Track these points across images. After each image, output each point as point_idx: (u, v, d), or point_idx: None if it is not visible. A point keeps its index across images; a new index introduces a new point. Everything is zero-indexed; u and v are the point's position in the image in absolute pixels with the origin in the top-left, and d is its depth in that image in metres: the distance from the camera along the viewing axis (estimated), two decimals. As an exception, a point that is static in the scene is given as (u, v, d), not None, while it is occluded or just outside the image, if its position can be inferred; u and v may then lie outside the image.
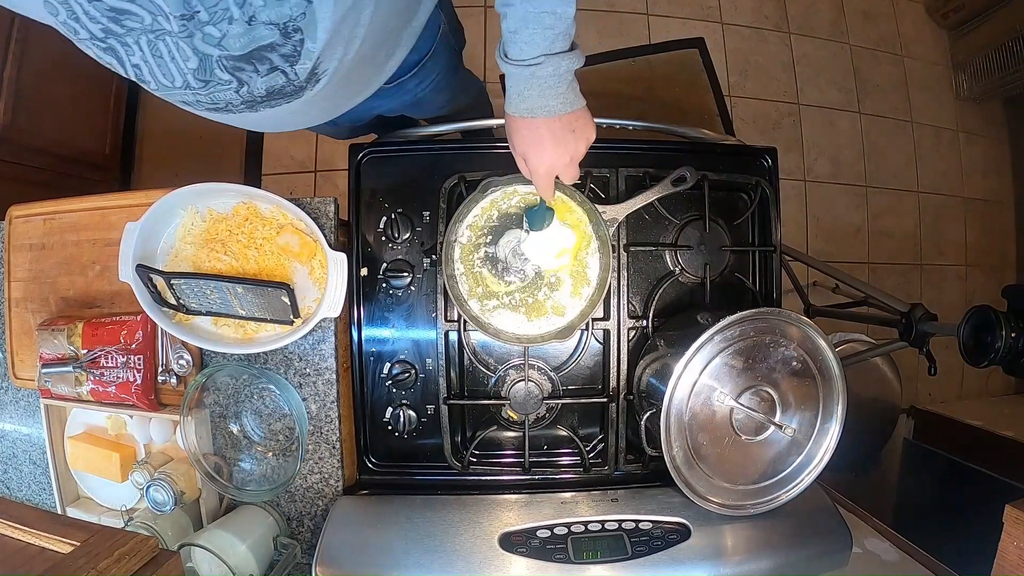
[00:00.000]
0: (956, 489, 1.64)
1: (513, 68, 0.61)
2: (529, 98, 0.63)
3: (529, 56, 0.60)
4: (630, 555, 0.72)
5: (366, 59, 0.66)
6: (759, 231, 0.92)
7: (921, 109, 2.32)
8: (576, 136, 0.67)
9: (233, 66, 0.55)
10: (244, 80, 0.57)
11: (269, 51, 0.54)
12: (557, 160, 0.67)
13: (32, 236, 0.92)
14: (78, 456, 0.90)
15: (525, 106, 0.63)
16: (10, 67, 1.55)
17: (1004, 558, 0.70)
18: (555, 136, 0.65)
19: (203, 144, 2.06)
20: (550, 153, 0.66)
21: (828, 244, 2.19)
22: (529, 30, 0.58)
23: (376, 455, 0.89)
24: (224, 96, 0.59)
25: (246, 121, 0.68)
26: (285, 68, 0.57)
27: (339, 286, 0.78)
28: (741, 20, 2.22)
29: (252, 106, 0.63)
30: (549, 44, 0.60)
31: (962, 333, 1.00)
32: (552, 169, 0.68)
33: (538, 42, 0.59)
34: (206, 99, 0.60)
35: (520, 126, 0.66)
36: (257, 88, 0.59)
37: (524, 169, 0.70)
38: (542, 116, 0.64)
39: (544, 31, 0.58)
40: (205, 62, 0.54)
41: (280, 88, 0.60)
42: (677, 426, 0.72)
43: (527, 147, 0.67)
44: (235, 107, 0.62)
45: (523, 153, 0.68)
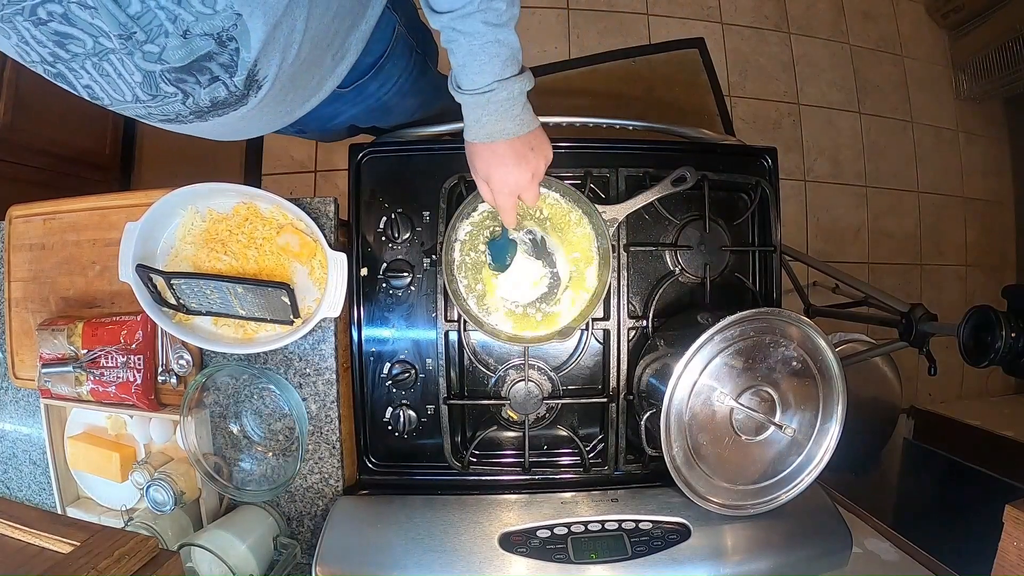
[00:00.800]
0: (956, 489, 1.64)
1: (467, 97, 0.64)
2: (487, 124, 0.65)
3: (481, 84, 0.62)
4: (630, 555, 0.72)
5: (310, 63, 0.66)
6: (759, 231, 0.92)
7: (921, 109, 2.32)
8: (535, 154, 0.69)
9: (176, 78, 0.56)
10: (188, 92, 0.58)
11: (207, 60, 0.55)
12: (520, 177, 0.69)
13: (32, 236, 0.92)
14: (78, 456, 0.90)
15: (484, 132, 0.66)
16: (10, 67, 1.55)
17: (1004, 558, 0.70)
18: (516, 155, 0.67)
19: (203, 144, 2.05)
20: (513, 171, 0.68)
21: (828, 244, 2.19)
22: (477, 62, 0.61)
23: (376, 455, 0.89)
24: (172, 108, 0.61)
25: (199, 130, 0.69)
26: (224, 78, 0.58)
27: (339, 286, 0.78)
28: (741, 20, 2.22)
29: (201, 116, 0.64)
30: (499, 70, 0.62)
31: (962, 333, 1.00)
32: (516, 188, 0.70)
33: (488, 70, 0.61)
34: (157, 111, 0.61)
35: (481, 150, 0.68)
36: (201, 99, 0.60)
37: (487, 194, 0.72)
38: (501, 139, 0.66)
39: (492, 59, 0.61)
40: (149, 77, 0.55)
41: (223, 99, 0.61)
42: (677, 426, 0.72)
43: (489, 169, 0.69)
44: (184, 118, 0.63)
45: (486, 175, 0.69)
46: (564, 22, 2.13)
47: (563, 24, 2.12)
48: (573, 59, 2.11)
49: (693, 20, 2.19)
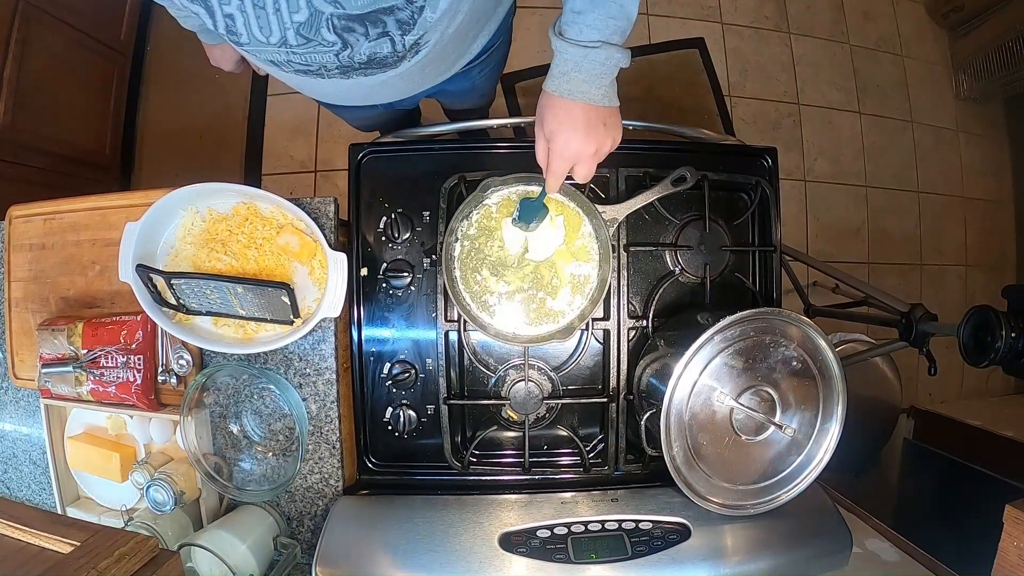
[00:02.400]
0: (956, 489, 1.64)
1: (568, 46, 0.60)
2: (575, 80, 0.62)
3: (587, 39, 0.60)
4: (630, 555, 0.72)
5: (460, 36, 0.66)
6: (759, 231, 0.92)
7: (921, 109, 2.32)
8: (606, 130, 0.66)
9: (344, 26, 0.53)
10: (349, 42, 0.56)
11: (387, 14, 0.53)
12: (584, 148, 0.65)
13: (32, 236, 0.92)
14: (78, 456, 0.90)
15: (568, 87, 0.63)
16: (10, 67, 1.55)
17: (1004, 558, 0.70)
18: (589, 123, 0.64)
19: (203, 144, 2.07)
20: (580, 138, 0.65)
21: (828, 244, 2.19)
22: (595, 14, 0.59)
23: (376, 455, 0.89)
24: (321, 58, 0.58)
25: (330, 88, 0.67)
26: (395, 35, 0.56)
27: (339, 286, 0.78)
28: (741, 20, 2.22)
29: (346, 72, 0.62)
30: (608, 33, 0.60)
31: (962, 333, 1.00)
32: (576, 156, 0.66)
33: (599, 27, 0.59)
34: (299, 60, 0.58)
35: (557, 104, 0.64)
36: (359, 53, 0.58)
37: (542, 152, 0.68)
38: (582, 101, 0.63)
39: (607, 20, 0.59)
40: (314, 19, 0.52)
41: (382, 57, 0.59)
42: (677, 426, 0.72)
43: (559, 127, 0.65)
44: (328, 71, 0.61)
45: (551, 132, 0.65)
46: (564, 22, 2.12)
47: (563, 24, 2.12)
48: (573, 59, 2.11)
49: (693, 20, 2.19)
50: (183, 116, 2.08)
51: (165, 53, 2.12)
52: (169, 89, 2.11)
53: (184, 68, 2.10)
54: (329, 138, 2.03)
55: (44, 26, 1.65)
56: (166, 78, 2.11)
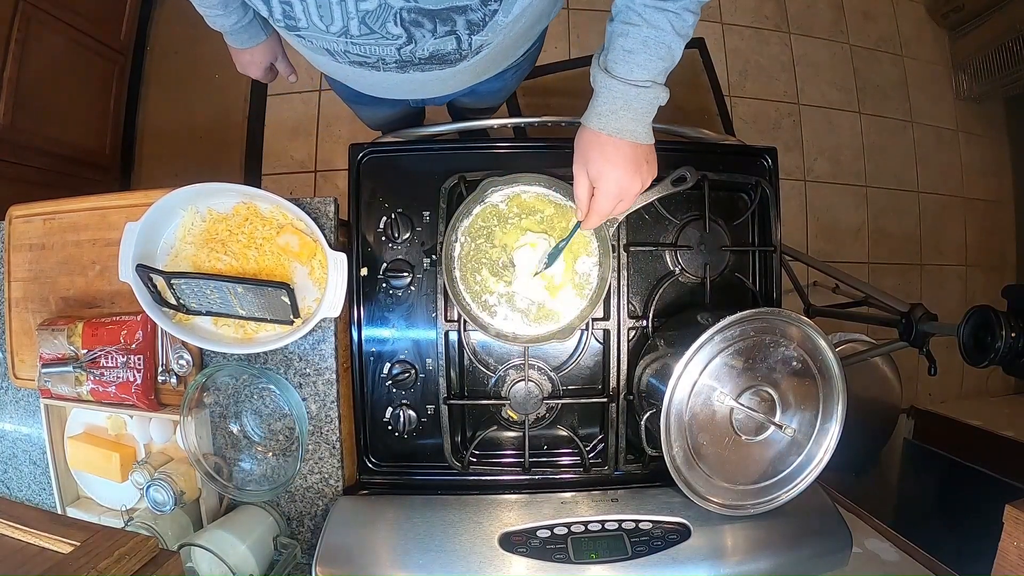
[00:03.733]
0: (956, 489, 1.64)
1: (618, 84, 0.60)
2: (623, 118, 0.62)
3: (638, 77, 0.60)
4: (630, 555, 0.72)
5: (515, 39, 0.66)
6: (759, 231, 0.92)
7: (921, 109, 2.32)
8: (648, 168, 0.67)
9: (413, 20, 0.52)
10: (415, 38, 0.55)
11: (459, 13, 0.52)
12: (631, 185, 0.66)
13: (32, 236, 0.92)
14: (78, 456, 0.90)
15: (617, 125, 0.62)
16: (10, 67, 1.55)
17: (1004, 558, 0.70)
18: (636, 161, 0.65)
19: (203, 144, 2.07)
20: (630, 177, 0.65)
21: (828, 244, 2.19)
22: (647, 54, 0.59)
23: (376, 455, 0.89)
24: (380, 51, 0.57)
25: (383, 80, 0.66)
26: (463, 34, 0.56)
27: (339, 286, 0.78)
28: (741, 20, 2.22)
29: (404, 67, 0.61)
30: (656, 73, 0.61)
31: (962, 333, 1.00)
32: (621, 194, 0.66)
33: (649, 67, 0.60)
34: (357, 51, 0.58)
35: (605, 143, 0.64)
36: (422, 49, 0.57)
37: (584, 190, 0.68)
38: (630, 139, 0.63)
39: (657, 60, 0.60)
40: (383, 10, 0.51)
41: (444, 55, 0.59)
42: (677, 426, 0.72)
43: (608, 166, 0.64)
44: (385, 64, 0.60)
45: (600, 171, 0.65)
46: (564, 22, 2.13)
47: (563, 24, 2.12)
48: (573, 59, 2.11)
49: (693, 20, 2.19)
50: (183, 116, 2.08)
51: (165, 53, 2.12)
52: (169, 89, 2.11)
53: (184, 68, 2.10)
54: (329, 138, 2.03)
55: (44, 26, 1.65)
56: (166, 78, 2.11)
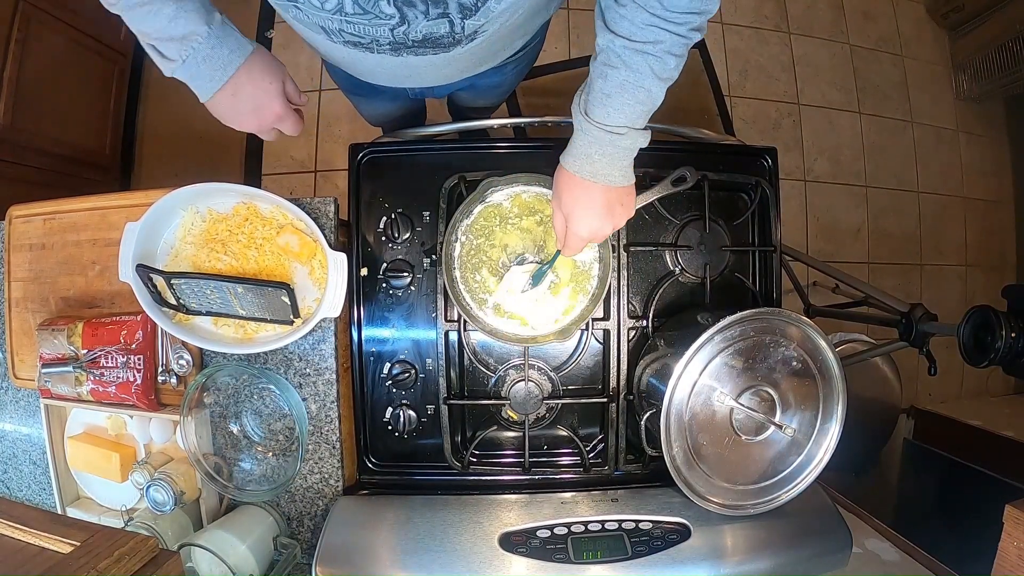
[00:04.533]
0: (956, 489, 1.64)
1: (593, 128, 0.60)
2: (597, 162, 0.62)
3: (614, 123, 0.59)
4: (630, 555, 0.72)
5: (512, 30, 0.65)
6: (759, 231, 0.92)
7: (921, 109, 2.32)
8: (622, 210, 0.67)
9: (405, 0, 0.52)
10: (407, 18, 0.55)
11: None
12: (601, 228, 0.67)
13: (32, 236, 0.92)
14: (78, 456, 0.90)
15: (590, 169, 0.63)
16: (10, 67, 1.55)
17: (1004, 558, 0.70)
18: (608, 204, 0.65)
19: (203, 144, 2.06)
20: (598, 220, 0.66)
21: (828, 244, 2.19)
22: (623, 98, 0.58)
23: (376, 455, 0.89)
24: (375, 31, 0.57)
25: (377, 64, 0.66)
26: (455, 18, 0.55)
27: (339, 286, 0.78)
28: (741, 20, 2.22)
29: (397, 50, 0.61)
30: (635, 118, 0.60)
31: (962, 333, 1.00)
32: (591, 235, 0.67)
33: (627, 112, 0.59)
34: (352, 30, 0.57)
35: (576, 186, 0.64)
36: (415, 31, 0.57)
37: (560, 226, 0.69)
38: (602, 183, 0.63)
39: (635, 105, 0.58)
40: None
41: (437, 38, 0.58)
42: (677, 426, 0.72)
43: (577, 208, 0.65)
44: (380, 46, 0.60)
45: (569, 212, 0.66)
46: (564, 22, 2.13)
47: (563, 24, 2.12)
48: (573, 59, 2.11)
49: (693, 20, 2.18)
50: (183, 116, 2.08)
51: (165, 53, 2.11)
52: (169, 89, 2.08)
53: (184, 68, 2.09)
54: (329, 138, 2.03)
55: (44, 26, 1.64)
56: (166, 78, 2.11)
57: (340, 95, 1.08)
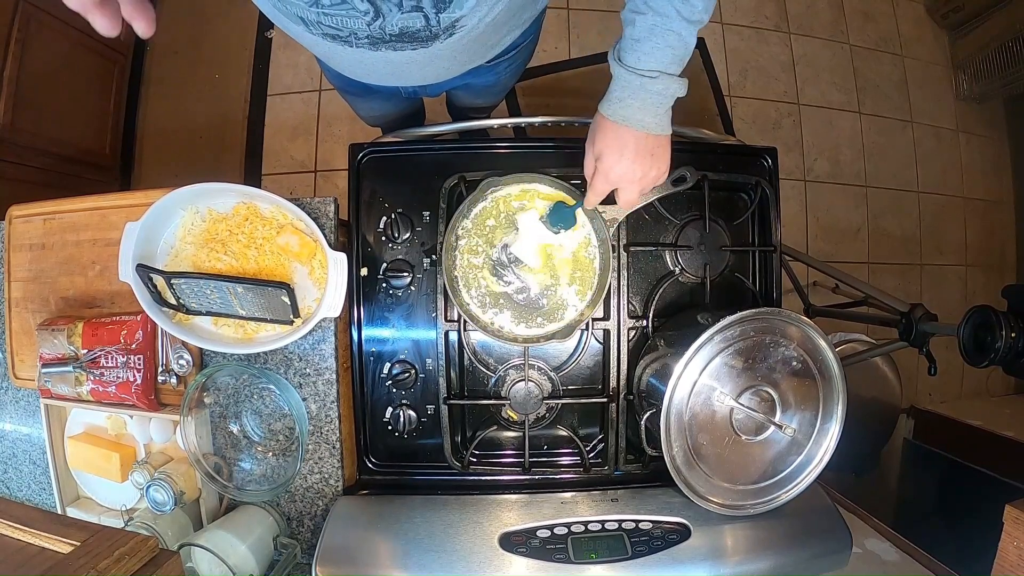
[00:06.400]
0: (956, 489, 1.64)
1: (626, 72, 0.62)
2: (630, 107, 0.63)
3: (645, 67, 0.61)
4: (630, 555, 0.72)
5: (496, 26, 0.66)
6: (759, 231, 0.92)
7: (921, 109, 2.32)
8: (654, 160, 0.67)
9: None
10: (382, 12, 0.55)
11: None
12: (630, 172, 0.67)
13: (32, 236, 0.92)
14: (78, 456, 0.90)
15: (623, 113, 0.64)
16: (10, 67, 1.55)
17: (1004, 558, 0.70)
18: (639, 151, 0.66)
19: (203, 144, 2.07)
20: (628, 163, 0.66)
21: (828, 244, 2.19)
22: (653, 42, 0.59)
23: (376, 455, 0.89)
24: (351, 24, 0.58)
25: (356, 59, 0.67)
26: (429, 12, 0.56)
27: (339, 286, 0.78)
28: (741, 20, 2.22)
29: (375, 44, 0.61)
30: (667, 63, 0.61)
31: (962, 333, 1.00)
32: (621, 179, 0.68)
33: (658, 56, 0.60)
34: (330, 23, 0.58)
35: (609, 128, 0.66)
36: (391, 25, 0.57)
37: (589, 167, 0.70)
38: (635, 128, 0.64)
39: (666, 49, 0.60)
40: None
41: (413, 33, 0.59)
42: (677, 426, 0.72)
43: (607, 150, 0.66)
44: (358, 39, 0.61)
45: (600, 152, 0.67)
46: (564, 22, 2.13)
47: (563, 24, 2.13)
48: (573, 59, 2.11)
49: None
50: (183, 116, 2.09)
51: (165, 53, 2.12)
52: (169, 89, 2.11)
53: (184, 68, 2.10)
54: (329, 138, 2.03)
55: (44, 26, 1.65)
56: (166, 78, 2.11)
57: (340, 95, 1.08)
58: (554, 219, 0.79)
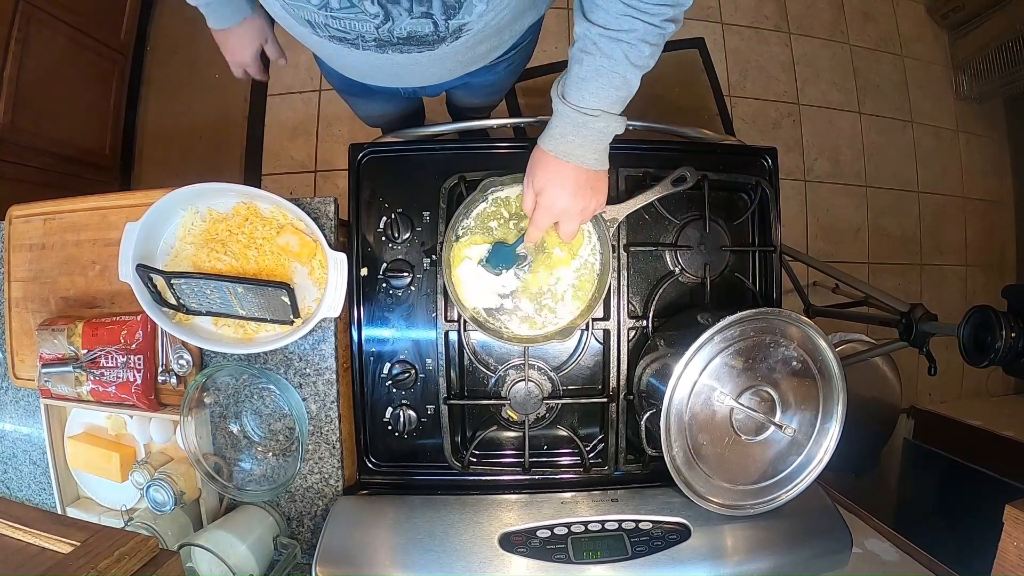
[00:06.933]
0: (956, 489, 1.64)
1: (569, 110, 0.63)
2: (571, 143, 0.64)
3: (588, 106, 0.62)
4: (630, 555, 0.72)
5: (499, 29, 0.66)
6: (759, 231, 0.92)
7: (921, 109, 2.32)
8: (593, 193, 0.69)
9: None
10: (391, 15, 0.56)
11: None
12: (571, 206, 0.68)
13: (32, 236, 0.92)
14: (78, 456, 0.90)
15: (564, 148, 0.65)
16: (10, 67, 1.55)
17: (1004, 558, 0.70)
18: (579, 185, 0.67)
19: (203, 144, 2.07)
20: (568, 197, 0.68)
21: (828, 244, 2.19)
22: (598, 82, 0.61)
23: (376, 455, 0.89)
24: (360, 27, 0.58)
25: (363, 61, 0.67)
26: (439, 17, 0.57)
27: (339, 286, 0.78)
28: (741, 20, 2.22)
29: (382, 47, 0.62)
30: (610, 103, 0.63)
31: (962, 333, 1.00)
32: (560, 214, 0.69)
33: (601, 96, 0.62)
34: (337, 25, 0.59)
35: (550, 163, 0.67)
36: (399, 28, 0.58)
37: (529, 203, 0.71)
38: (575, 163, 0.66)
39: (610, 89, 0.61)
40: None
41: (421, 36, 0.60)
42: (677, 426, 0.72)
43: (549, 184, 0.68)
44: (365, 42, 0.61)
45: (541, 188, 0.68)
46: (564, 22, 2.13)
47: (563, 24, 2.12)
48: (573, 59, 2.11)
49: (693, 20, 2.19)
50: (183, 116, 2.08)
51: (165, 53, 2.11)
52: (169, 89, 2.11)
53: (184, 68, 2.10)
54: (329, 138, 2.03)
55: (44, 26, 1.65)
56: (166, 78, 2.11)
57: (340, 95, 1.08)
58: (495, 261, 0.79)
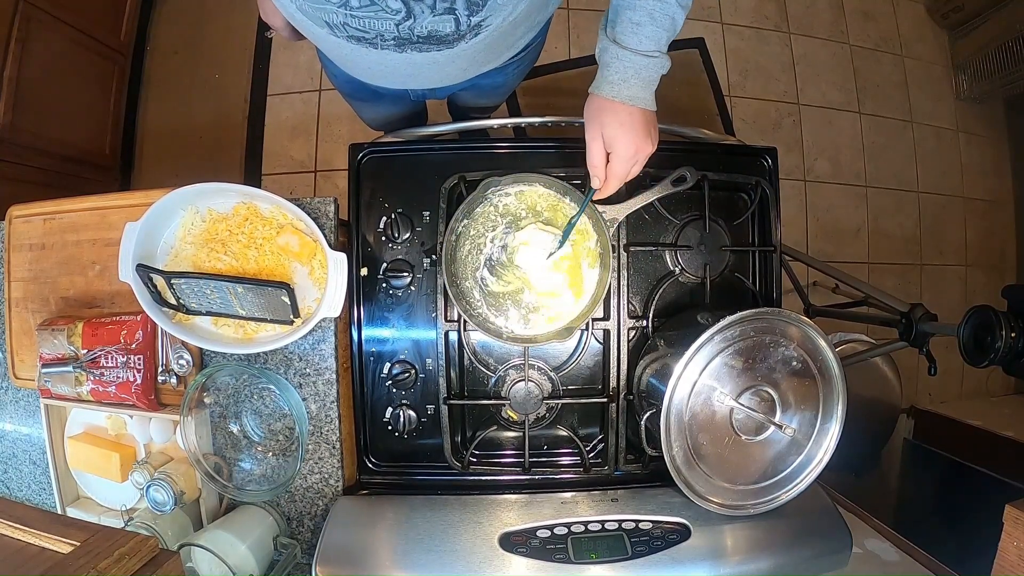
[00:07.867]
0: (956, 489, 1.64)
1: (628, 54, 0.65)
2: (634, 85, 0.66)
3: (647, 48, 0.65)
4: (630, 555, 0.72)
5: (515, 26, 0.67)
6: (759, 231, 0.92)
7: (921, 109, 2.32)
8: (655, 135, 0.71)
9: None
10: (414, 13, 0.56)
11: None
12: (645, 148, 0.70)
13: (32, 236, 0.92)
14: (78, 456, 0.90)
15: (628, 92, 0.67)
16: (10, 67, 1.55)
17: (1004, 558, 0.70)
18: (647, 125, 0.70)
19: (203, 144, 2.07)
20: (642, 140, 0.69)
21: (828, 244, 2.19)
22: (653, 26, 0.64)
23: (376, 455, 0.89)
24: (380, 26, 0.58)
25: (379, 60, 0.67)
26: (461, 14, 0.57)
27: (339, 286, 0.78)
28: (741, 20, 2.22)
29: (401, 46, 0.62)
30: (663, 44, 0.66)
31: (962, 333, 1.00)
32: (636, 157, 0.71)
33: (657, 37, 0.65)
34: (357, 24, 0.58)
35: (618, 109, 0.68)
36: (421, 26, 0.58)
37: (598, 155, 0.71)
38: (640, 105, 0.67)
39: (663, 31, 0.65)
40: None
41: (442, 35, 0.60)
42: (677, 426, 0.72)
43: (621, 130, 0.68)
44: (384, 41, 0.61)
45: (614, 136, 0.69)
46: (564, 22, 2.13)
47: (563, 24, 2.12)
48: (573, 59, 2.11)
49: (693, 20, 2.19)
50: (183, 116, 2.09)
51: (165, 53, 2.12)
52: (169, 89, 2.11)
53: (184, 68, 2.10)
54: (329, 138, 2.03)
55: (44, 26, 1.65)
56: (166, 78, 2.11)
57: (340, 96, 1.08)
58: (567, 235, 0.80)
